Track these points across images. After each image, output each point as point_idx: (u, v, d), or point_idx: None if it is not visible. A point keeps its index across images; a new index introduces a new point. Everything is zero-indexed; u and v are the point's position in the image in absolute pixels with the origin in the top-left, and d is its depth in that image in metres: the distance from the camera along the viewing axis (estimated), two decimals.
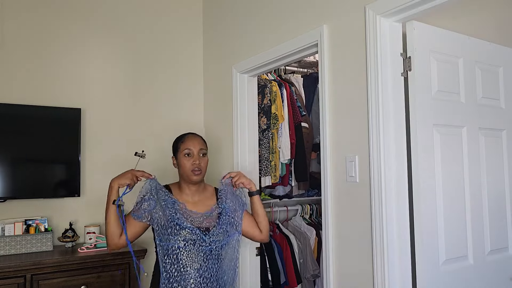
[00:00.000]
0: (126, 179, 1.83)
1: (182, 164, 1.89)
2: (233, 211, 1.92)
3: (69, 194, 2.74)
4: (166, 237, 1.78)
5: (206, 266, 1.78)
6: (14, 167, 2.59)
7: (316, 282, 3.24)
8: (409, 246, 1.83)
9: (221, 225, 1.85)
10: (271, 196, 3.25)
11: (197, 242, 1.78)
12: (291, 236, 3.19)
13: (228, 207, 1.91)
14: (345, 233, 1.97)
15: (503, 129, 2.24)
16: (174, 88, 3.22)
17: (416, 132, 1.85)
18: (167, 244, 1.78)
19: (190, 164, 1.88)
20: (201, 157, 1.92)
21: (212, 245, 1.80)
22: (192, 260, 1.77)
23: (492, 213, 2.13)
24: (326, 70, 2.07)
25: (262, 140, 3.01)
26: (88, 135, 2.88)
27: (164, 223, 1.79)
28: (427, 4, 1.66)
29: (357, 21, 1.91)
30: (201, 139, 1.98)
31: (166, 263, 1.78)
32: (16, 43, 2.71)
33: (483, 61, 2.17)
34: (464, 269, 1.98)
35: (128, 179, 1.83)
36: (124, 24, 3.06)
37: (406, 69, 1.86)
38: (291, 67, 3.44)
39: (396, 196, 1.81)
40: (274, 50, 2.43)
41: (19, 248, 2.45)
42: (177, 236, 1.77)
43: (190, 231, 1.78)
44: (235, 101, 2.79)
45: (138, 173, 1.86)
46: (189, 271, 1.76)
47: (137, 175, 1.86)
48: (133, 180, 1.85)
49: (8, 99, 2.65)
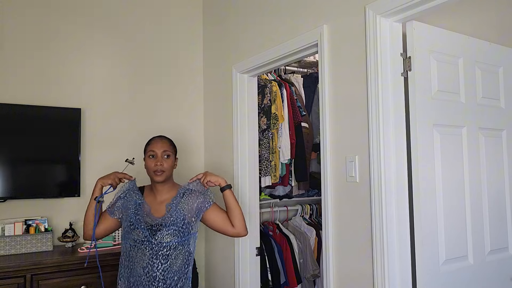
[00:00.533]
0: (109, 179, 2.02)
1: (147, 165, 2.03)
2: (188, 211, 1.98)
3: (69, 194, 2.74)
4: (124, 236, 1.98)
5: (151, 266, 1.88)
6: (14, 167, 2.59)
7: (316, 282, 3.24)
8: (409, 246, 1.83)
9: (169, 227, 1.92)
10: (271, 196, 3.25)
11: (145, 243, 1.91)
12: (291, 236, 3.19)
13: (179, 209, 1.97)
14: (345, 233, 1.97)
15: (503, 129, 2.24)
16: (174, 88, 3.22)
17: (416, 132, 1.85)
18: (124, 242, 1.98)
19: (153, 165, 2.00)
20: (164, 159, 2.01)
21: (158, 246, 1.90)
22: (140, 258, 1.90)
23: (492, 213, 2.13)
24: (326, 70, 2.07)
25: (262, 140, 3.02)
26: (88, 135, 2.88)
27: (127, 223, 1.97)
28: (427, 4, 1.66)
29: (357, 21, 1.91)
30: (167, 142, 2.07)
31: (123, 259, 1.97)
32: (16, 43, 2.71)
33: (483, 61, 2.16)
34: (464, 269, 1.98)
35: (110, 179, 2.02)
36: (124, 24, 3.06)
37: (406, 69, 1.86)
38: (291, 67, 3.44)
39: (396, 196, 1.80)
40: (274, 50, 2.43)
41: (19, 248, 2.45)
42: (130, 235, 1.94)
43: (140, 232, 1.92)
44: (235, 101, 2.79)
45: (120, 175, 2.06)
46: (137, 269, 1.90)
47: (119, 176, 2.05)
48: (115, 181, 2.04)
49: (8, 99, 2.65)
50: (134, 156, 2.98)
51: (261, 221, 3.17)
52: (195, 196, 2.02)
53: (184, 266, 1.95)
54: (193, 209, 1.99)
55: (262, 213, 3.23)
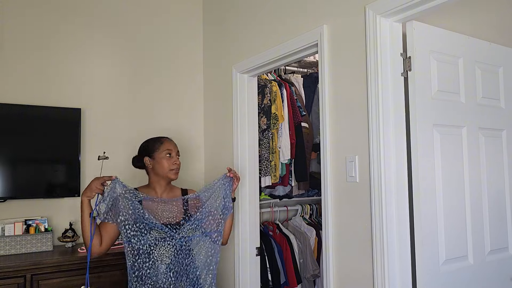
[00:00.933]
0: (93, 191, 1.87)
1: (162, 163, 2.02)
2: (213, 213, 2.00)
3: (69, 194, 2.74)
4: (137, 238, 1.86)
5: (176, 260, 1.89)
6: (14, 167, 2.59)
7: (316, 282, 3.24)
8: (409, 246, 1.83)
9: (193, 221, 1.94)
10: (271, 196, 3.25)
11: (167, 239, 1.88)
12: (291, 236, 3.19)
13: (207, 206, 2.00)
14: (345, 233, 1.97)
15: (503, 129, 2.24)
16: (174, 88, 3.22)
17: (416, 132, 1.85)
18: (138, 244, 1.86)
19: (171, 163, 2.03)
20: (178, 159, 2.09)
21: (182, 240, 1.90)
22: (163, 255, 1.88)
23: (492, 213, 2.13)
24: (326, 70, 2.07)
25: (262, 140, 3.02)
26: (88, 135, 2.88)
27: (133, 224, 1.86)
28: (427, 4, 1.66)
29: (357, 21, 1.91)
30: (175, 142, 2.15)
31: (137, 261, 1.86)
32: (16, 43, 2.71)
33: (483, 61, 2.16)
34: (464, 269, 1.98)
35: (94, 189, 1.87)
36: (124, 24, 3.06)
37: (406, 69, 1.86)
38: (291, 67, 3.44)
39: (396, 196, 1.80)
40: (274, 50, 2.43)
41: (19, 248, 2.45)
42: (147, 235, 1.86)
43: (160, 229, 1.88)
44: (235, 101, 2.79)
45: (100, 180, 1.89)
46: (159, 266, 1.86)
47: (100, 182, 1.88)
48: (100, 188, 1.88)
49: (8, 99, 2.65)
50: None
51: (261, 221, 3.17)
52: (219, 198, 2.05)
53: (208, 260, 1.98)
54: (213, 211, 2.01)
55: (262, 213, 3.23)
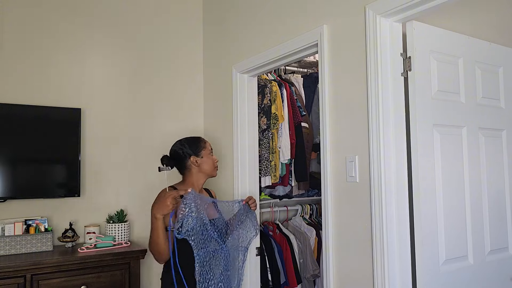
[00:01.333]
0: (168, 207, 1.84)
1: (209, 161, 2.09)
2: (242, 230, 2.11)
3: (69, 194, 2.74)
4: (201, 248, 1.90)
5: (226, 266, 2.00)
6: (14, 167, 2.59)
7: (316, 282, 3.24)
8: (409, 246, 1.83)
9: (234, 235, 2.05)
10: (271, 196, 3.25)
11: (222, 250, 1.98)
12: (291, 236, 3.19)
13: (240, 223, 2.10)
14: (345, 233, 1.97)
15: (503, 129, 2.24)
16: (174, 88, 3.22)
17: (416, 132, 1.85)
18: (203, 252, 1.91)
19: (214, 161, 2.13)
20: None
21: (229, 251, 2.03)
22: (219, 263, 1.97)
23: (492, 213, 2.13)
24: (326, 70, 2.07)
25: (262, 140, 3.02)
26: (88, 135, 2.88)
27: (200, 236, 1.89)
28: (427, 4, 1.66)
29: (357, 21, 1.91)
30: None
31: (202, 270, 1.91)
32: (16, 43, 2.71)
33: (483, 61, 2.16)
34: (464, 269, 1.98)
35: (170, 206, 1.84)
36: (124, 24, 3.06)
37: (406, 69, 1.86)
38: (291, 67, 3.44)
39: (396, 196, 1.81)
40: (274, 50, 2.43)
41: (19, 248, 2.45)
42: (209, 247, 1.93)
43: (216, 242, 1.96)
44: (235, 101, 2.79)
45: (175, 194, 1.86)
46: (216, 272, 1.95)
47: (175, 196, 1.85)
48: (174, 205, 1.85)
49: (8, 99, 2.65)
50: (137, 157, 2.99)
51: (261, 221, 3.17)
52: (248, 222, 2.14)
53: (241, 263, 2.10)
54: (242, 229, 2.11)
55: (262, 213, 3.23)
